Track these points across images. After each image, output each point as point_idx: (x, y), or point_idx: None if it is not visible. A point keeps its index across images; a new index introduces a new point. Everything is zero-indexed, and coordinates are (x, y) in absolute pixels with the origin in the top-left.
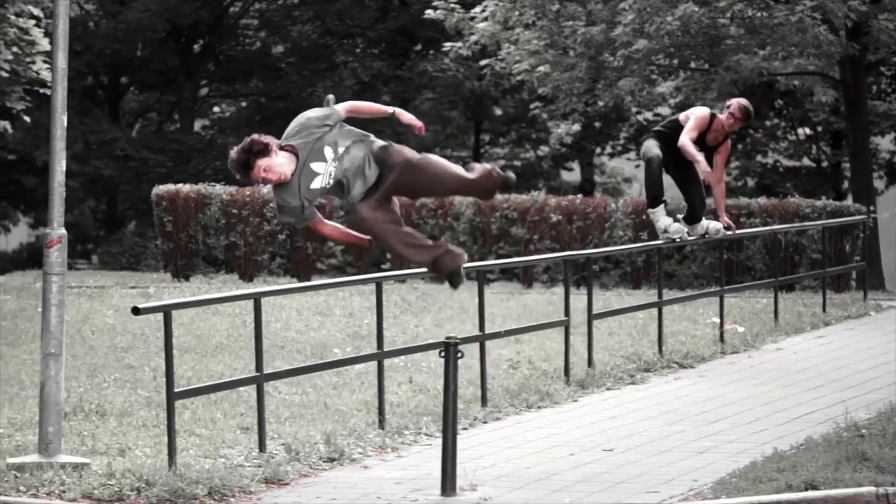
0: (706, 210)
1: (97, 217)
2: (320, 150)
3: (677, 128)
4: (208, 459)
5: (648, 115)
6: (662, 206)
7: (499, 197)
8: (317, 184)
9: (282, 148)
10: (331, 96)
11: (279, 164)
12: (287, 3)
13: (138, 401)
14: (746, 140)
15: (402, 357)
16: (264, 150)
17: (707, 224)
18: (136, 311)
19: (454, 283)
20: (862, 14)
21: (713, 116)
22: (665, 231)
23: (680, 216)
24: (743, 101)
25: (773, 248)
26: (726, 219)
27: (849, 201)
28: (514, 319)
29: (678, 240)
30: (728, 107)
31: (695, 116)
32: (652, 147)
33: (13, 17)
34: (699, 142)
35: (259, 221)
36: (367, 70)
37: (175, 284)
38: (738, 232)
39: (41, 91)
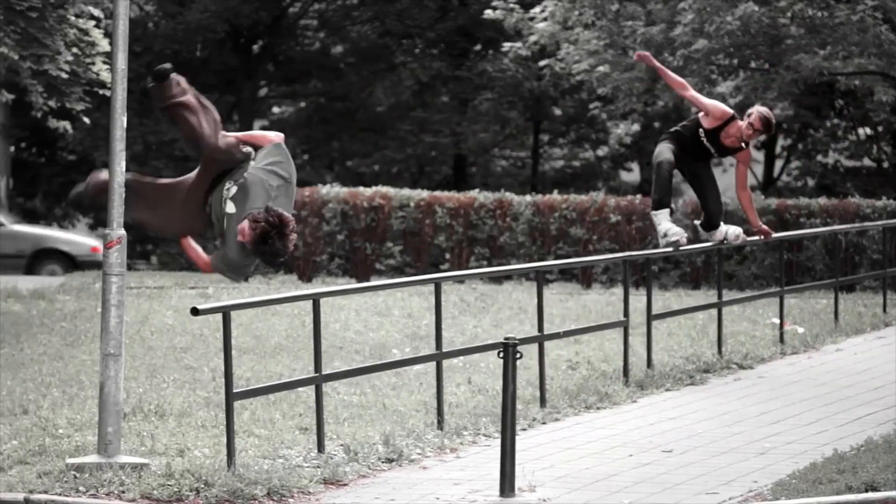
0: (724, 216)
1: None
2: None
3: (696, 127)
4: (267, 460)
5: None
6: (667, 210)
7: (557, 197)
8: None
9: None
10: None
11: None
12: (346, 4)
13: (197, 401)
14: (807, 140)
15: (461, 358)
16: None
17: (726, 229)
18: (195, 311)
19: (159, 75)
20: None
21: (733, 117)
22: (665, 235)
23: (697, 222)
24: (764, 111)
25: (833, 248)
26: (762, 225)
27: None
28: (572, 320)
29: (680, 243)
30: (749, 115)
31: (716, 103)
32: (664, 151)
33: (73, 18)
34: (713, 139)
35: (318, 222)
36: (427, 70)
37: (234, 285)
38: (797, 232)
39: (101, 92)
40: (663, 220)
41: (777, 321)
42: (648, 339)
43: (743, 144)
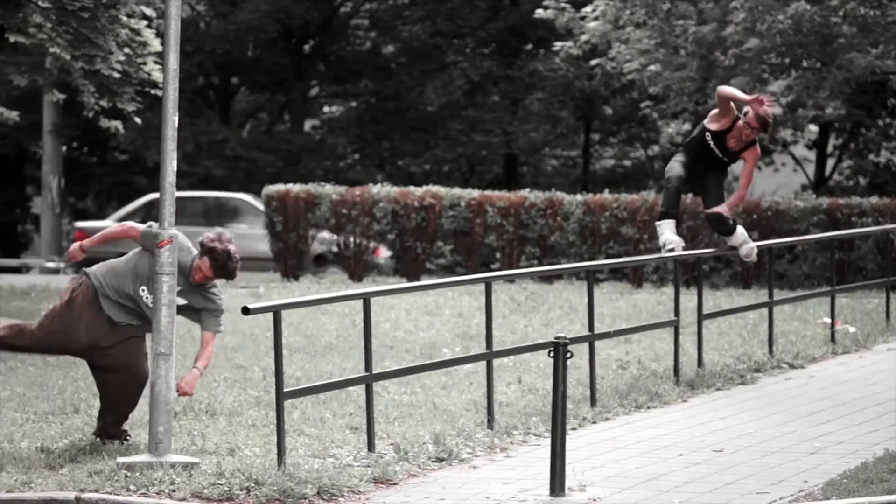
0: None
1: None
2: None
3: (702, 132)
4: (317, 459)
5: None
6: (672, 221)
7: (608, 196)
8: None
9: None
10: None
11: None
12: (397, 4)
13: (248, 400)
14: (859, 139)
15: (511, 357)
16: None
17: (742, 239)
18: (245, 310)
19: None
20: None
21: (737, 119)
22: (664, 245)
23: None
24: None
25: (885, 247)
26: (725, 209)
27: None
28: (623, 319)
29: (678, 250)
30: (745, 114)
31: (734, 107)
32: (675, 166)
33: (125, 18)
34: (720, 143)
35: (369, 221)
36: (477, 70)
37: (285, 284)
38: (849, 231)
39: (152, 92)
40: (665, 230)
41: (828, 321)
42: (699, 339)
43: (747, 144)
